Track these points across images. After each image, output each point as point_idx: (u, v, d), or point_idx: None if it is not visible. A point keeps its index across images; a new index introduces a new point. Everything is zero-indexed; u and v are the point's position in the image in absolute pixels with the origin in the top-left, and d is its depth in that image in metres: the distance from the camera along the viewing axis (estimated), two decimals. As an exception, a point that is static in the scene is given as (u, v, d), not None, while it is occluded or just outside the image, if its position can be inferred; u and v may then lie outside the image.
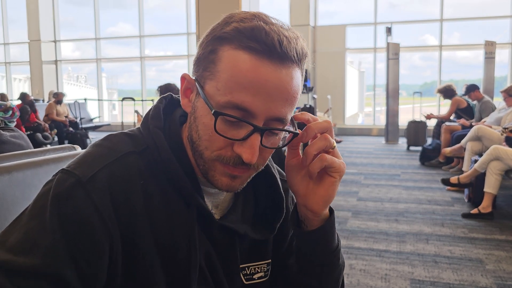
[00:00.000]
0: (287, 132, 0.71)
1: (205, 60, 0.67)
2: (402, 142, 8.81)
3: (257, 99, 0.63)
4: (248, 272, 0.81)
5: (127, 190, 0.66)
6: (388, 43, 9.19)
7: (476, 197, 4.03)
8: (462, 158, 5.11)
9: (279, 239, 0.86)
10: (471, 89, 6.32)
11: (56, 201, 0.62)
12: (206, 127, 0.66)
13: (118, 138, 0.72)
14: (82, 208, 0.62)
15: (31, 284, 0.57)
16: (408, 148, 8.04)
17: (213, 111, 0.64)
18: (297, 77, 0.67)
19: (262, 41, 0.63)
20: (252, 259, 0.82)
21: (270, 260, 0.84)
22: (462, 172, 5.51)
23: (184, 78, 0.72)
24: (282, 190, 0.82)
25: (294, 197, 0.89)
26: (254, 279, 0.82)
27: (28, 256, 0.59)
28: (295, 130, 0.71)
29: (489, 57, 8.55)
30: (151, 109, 0.76)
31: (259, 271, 0.83)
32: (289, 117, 0.68)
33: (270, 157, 0.86)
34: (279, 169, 0.89)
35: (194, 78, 0.70)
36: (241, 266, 0.80)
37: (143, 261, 0.67)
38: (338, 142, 8.41)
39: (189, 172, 0.72)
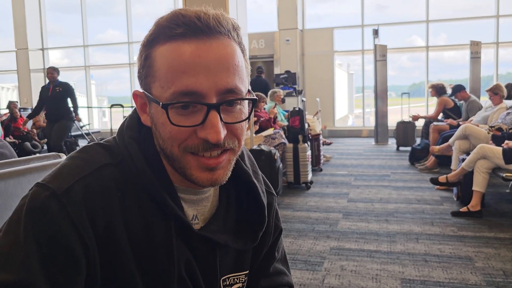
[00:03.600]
0: (250, 105, 0.71)
1: (144, 68, 0.68)
2: (392, 142, 8.86)
3: (199, 78, 0.63)
4: (227, 283, 0.81)
5: (104, 203, 0.65)
6: (375, 45, 9.27)
7: (464, 195, 4.07)
8: (450, 157, 5.16)
9: (257, 250, 0.86)
10: (457, 89, 6.40)
11: (30, 214, 0.60)
12: (164, 125, 0.66)
13: (94, 149, 0.71)
14: (57, 221, 0.60)
15: None
16: (397, 149, 8.09)
17: (160, 104, 0.64)
18: (232, 47, 0.67)
19: (181, 24, 0.64)
20: (233, 270, 0.81)
21: (248, 271, 0.84)
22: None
23: (135, 95, 0.72)
24: (263, 199, 0.81)
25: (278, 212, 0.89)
26: None
27: (1, 271, 0.57)
28: (253, 97, 0.70)
29: (475, 57, 8.65)
30: (126, 118, 0.76)
31: (238, 282, 0.82)
32: (241, 87, 0.67)
33: (256, 166, 0.86)
34: (266, 181, 0.89)
35: (142, 90, 0.70)
36: (222, 277, 0.79)
37: (123, 274, 0.66)
38: (328, 144, 8.44)
39: (166, 182, 0.71)
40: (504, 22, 10.21)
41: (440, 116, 6.79)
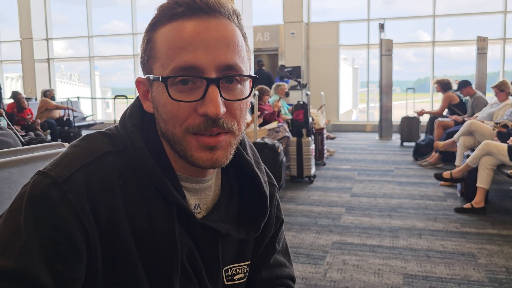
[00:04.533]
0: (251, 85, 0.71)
1: (145, 52, 0.69)
2: (396, 138, 8.84)
3: (198, 53, 0.63)
4: (230, 273, 0.81)
5: (105, 191, 0.64)
6: (381, 40, 9.21)
7: (468, 192, 4.05)
8: (454, 152, 5.14)
9: (258, 241, 0.85)
10: (463, 85, 6.35)
11: (32, 202, 0.60)
12: (165, 105, 0.66)
13: (96, 138, 0.70)
14: (58, 209, 0.60)
15: (4, 286, 0.56)
16: (401, 144, 8.07)
17: (160, 78, 0.65)
18: (232, 28, 0.67)
19: (181, 3, 0.65)
20: (235, 260, 0.81)
21: (250, 262, 0.84)
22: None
23: (138, 82, 0.73)
24: (265, 189, 0.81)
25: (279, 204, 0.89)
26: (235, 280, 0.82)
27: (1, 258, 0.57)
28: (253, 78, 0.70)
29: (481, 53, 8.59)
30: (128, 107, 0.75)
31: (240, 272, 0.82)
32: (241, 66, 0.67)
33: (258, 157, 0.85)
34: (268, 172, 0.88)
35: (144, 76, 0.71)
36: (225, 267, 0.79)
37: (124, 262, 0.66)
38: (332, 138, 8.42)
39: (168, 170, 0.70)
40: (512, 18, 10.13)
41: (445, 112, 6.76)
